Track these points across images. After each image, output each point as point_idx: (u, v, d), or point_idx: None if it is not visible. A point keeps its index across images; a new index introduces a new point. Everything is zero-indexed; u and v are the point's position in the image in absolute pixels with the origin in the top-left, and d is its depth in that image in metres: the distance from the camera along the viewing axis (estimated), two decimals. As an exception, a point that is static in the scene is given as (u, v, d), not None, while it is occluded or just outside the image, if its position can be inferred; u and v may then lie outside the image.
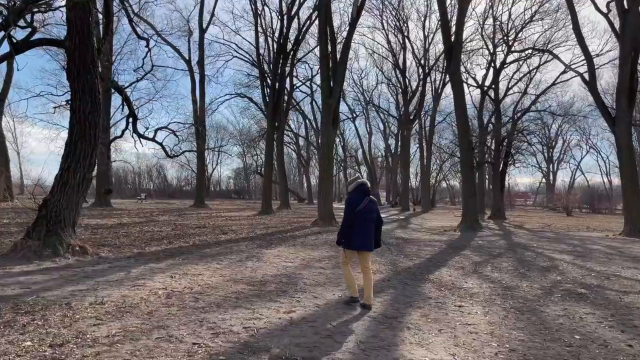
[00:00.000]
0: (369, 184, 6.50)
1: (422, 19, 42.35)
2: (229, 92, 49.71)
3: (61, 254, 8.47)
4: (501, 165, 33.86)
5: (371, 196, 6.32)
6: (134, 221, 18.75)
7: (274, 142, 35.46)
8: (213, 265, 8.84)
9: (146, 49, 15.28)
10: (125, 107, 13.05)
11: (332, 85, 20.31)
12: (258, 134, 54.81)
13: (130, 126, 13.15)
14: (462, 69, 30.67)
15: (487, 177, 47.70)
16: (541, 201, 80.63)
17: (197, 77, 35.32)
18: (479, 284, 8.43)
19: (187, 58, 35.84)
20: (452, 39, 21.32)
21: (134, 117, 13.18)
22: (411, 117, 44.97)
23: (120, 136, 14.55)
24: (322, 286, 7.46)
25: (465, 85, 26.63)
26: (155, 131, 15.85)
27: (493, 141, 35.24)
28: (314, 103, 53.70)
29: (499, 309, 6.56)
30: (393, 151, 60.59)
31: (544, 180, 73.90)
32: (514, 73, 37.38)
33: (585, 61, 22.40)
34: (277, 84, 31.59)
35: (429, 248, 13.90)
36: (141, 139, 14.10)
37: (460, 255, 12.52)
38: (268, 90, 32.65)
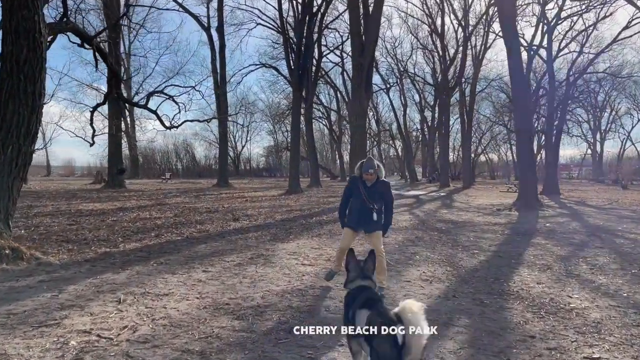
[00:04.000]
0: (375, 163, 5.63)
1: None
2: (254, 63, 46.77)
3: (-20, 260, 5.96)
4: (554, 135, 30.17)
5: (381, 178, 5.66)
6: (137, 205, 16.32)
7: (302, 116, 32.68)
8: (195, 275, 6.15)
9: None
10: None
11: (363, 42, 17.26)
12: (287, 108, 51.93)
13: (113, 90, 10.55)
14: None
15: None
16: (587, 174, 76.14)
17: (217, 46, 32.59)
18: (592, 299, 5.54)
19: (206, 25, 33.12)
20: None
21: (115, 77, 10.52)
22: (450, 85, 41.44)
23: (103, 103, 11.88)
24: (354, 315, 4.70)
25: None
26: (148, 96, 13.14)
27: (544, 108, 31.56)
28: (344, 73, 50.42)
29: (667, 364, 3.70)
30: (430, 123, 56.79)
31: (588, 151, 68.99)
32: (567, 31, 33.40)
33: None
34: (302, 49, 28.56)
35: (489, 235, 10.97)
36: (127, 105, 11.47)
37: (534, 245, 9.57)
38: (294, 56, 29.73)
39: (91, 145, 13.39)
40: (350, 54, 43.74)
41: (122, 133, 54.25)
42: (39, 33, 6.78)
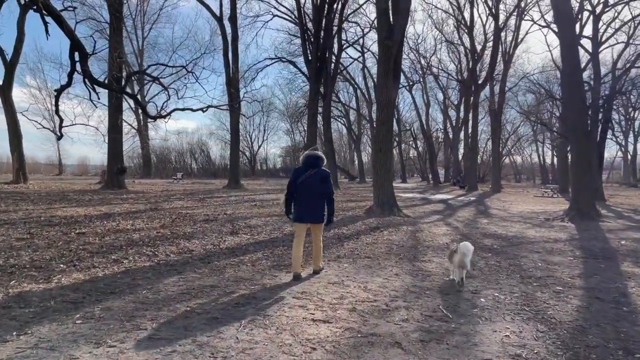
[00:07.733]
0: (320, 158, 6.30)
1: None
2: (269, 57, 44.42)
3: None
4: (599, 134, 27.20)
5: (321, 168, 6.27)
6: (127, 210, 13.98)
7: (319, 114, 30.31)
8: (129, 349, 3.68)
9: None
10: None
11: (391, 22, 14.74)
12: (304, 106, 49.55)
13: (78, 67, 8.19)
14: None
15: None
16: (616, 177, 73.66)
17: (229, 38, 30.28)
18: None
19: (218, 15, 30.86)
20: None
21: (80, 51, 8.15)
22: (480, 82, 38.67)
23: (67, 85, 9.43)
24: None
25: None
26: (127, 79, 10.60)
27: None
28: (365, 69, 47.93)
29: None
30: (454, 123, 53.82)
31: (619, 153, 65.99)
32: (611, 21, 30.44)
33: None
34: (320, 40, 26.15)
35: (557, 257, 8.40)
36: (95, 87, 9.04)
37: (630, 276, 6.99)
38: (311, 48, 27.35)
39: (59, 138, 11.02)
40: (370, 49, 41.34)
41: (136, 131, 52.75)
42: None
